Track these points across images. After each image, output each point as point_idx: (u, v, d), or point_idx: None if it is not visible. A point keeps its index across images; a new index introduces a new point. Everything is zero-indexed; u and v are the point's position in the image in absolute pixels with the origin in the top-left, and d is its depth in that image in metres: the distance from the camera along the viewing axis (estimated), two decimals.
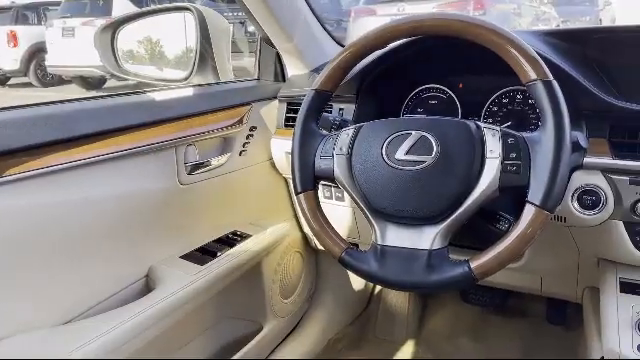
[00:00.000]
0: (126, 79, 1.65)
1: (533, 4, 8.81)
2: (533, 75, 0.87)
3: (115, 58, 1.46)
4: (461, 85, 1.34)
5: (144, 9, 1.63)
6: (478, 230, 1.03)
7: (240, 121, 1.43)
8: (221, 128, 1.37)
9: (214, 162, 1.37)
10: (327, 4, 8.98)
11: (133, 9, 8.28)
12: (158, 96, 1.25)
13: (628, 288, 1.09)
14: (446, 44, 1.07)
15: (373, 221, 0.97)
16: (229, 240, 1.41)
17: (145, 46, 1.56)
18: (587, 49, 1.17)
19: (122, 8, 8.57)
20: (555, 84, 0.87)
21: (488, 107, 1.28)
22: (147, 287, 1.22)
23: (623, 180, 1.01)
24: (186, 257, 1.30)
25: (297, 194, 1.04)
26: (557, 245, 1.18)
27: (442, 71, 1.35)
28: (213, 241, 1.39)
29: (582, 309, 1.34)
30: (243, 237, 1.43)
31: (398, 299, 1.92)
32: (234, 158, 1.43)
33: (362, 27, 6.74)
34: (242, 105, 1.45)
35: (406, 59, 1.29)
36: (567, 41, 1.17)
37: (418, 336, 1.88)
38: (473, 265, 0.87)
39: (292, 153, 1.05)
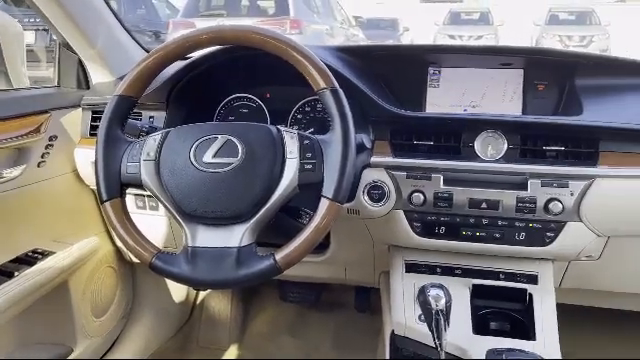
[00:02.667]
0: None
1: (343, 26, 9.55)
2: (323, 84, 0.98)
3: None
4: (268, 95, 1.42)
5: None
6: (285, 226, 1.11)
7: (37, 130, 1.32)
8: (13, 137, 1.26)
9: (6, 174, 1.25)
10: (144, 15, 8.66)
11: None
12: None
13: (412, 268, 1.28)
14: (254, 55, 1.14)
15: (184, 224, 0.98)
16: (28, 259, 1.29)
17: None
18: (372, 64, 1.34)
19: None
20: (341, 93, 0.99)
21: (293, 115, 1.39)
22: None
23: (401, 175, 1.18)
24: None
25: (102, 203, 1.01)
26: (356, 236, 1.32)
27: (251, 81, 1.42)
28: (9, 261, 1.26)
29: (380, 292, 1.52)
30: (45, 255, 1.32)
31: (220, 306, 1.95)
32: (31, 170, 1.32)
33: None
34: (39, 113, 1.34)
35: (216, 68, 1.33)
36: (355, 56, 1.32)
37: (241, 340, 1.93)
38: (278, 257, 0.94)
39: (96, 160, 1.02)
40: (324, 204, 0.94)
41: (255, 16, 6.88)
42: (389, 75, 1.35)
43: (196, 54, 1.22)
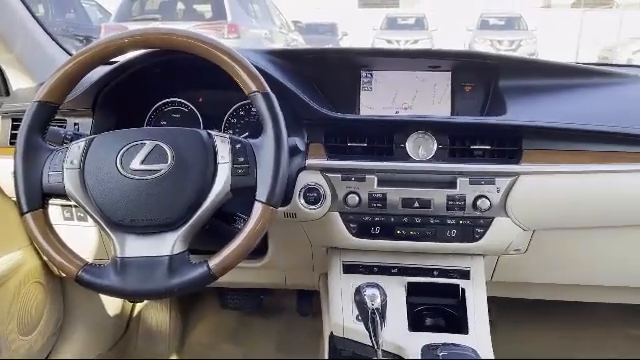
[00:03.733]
0: None
1: (282, 31, 9.55)
2: (253, 88, 0.98)
3: None
4: (201, 99, 1.40)
5: None
6: (219, 232, 1.10)
7: None
8: None
9: None
10: (73, 19, 8.34)
11: None
12: None
13: (349, 269, 1.29)
14: (185, 59, 1.12)
15: (111, 234, 0.95)
16: None
17: None
18: (305, 67, 1.35)
19: None
20: (272, 96, 0.99)
21: (227, 119, 1.37)
22: None
23: (336, 177, 1.19)
24: None
25: (22, 215, 0.96)
26: (294, 240, 1.32)
27: (183, 85, 1.39)
28: None
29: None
30: None
31: (158, 317, 1.89)
32: None
33: None
34: None
35: (145, 72, 1.29)
36: (287, 60, 1.32)
37: (181, 351, 1.88)
38: (211, 264, 0.93)
39: (15, 170, 0.96)
40: (258, 208, 0.94)
41: (191, 20, 6.76)
42: (322, 78, 1.36)
43: (123, 58, 1.18)
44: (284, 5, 10.73)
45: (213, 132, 1.00)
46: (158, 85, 1.37)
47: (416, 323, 1.24)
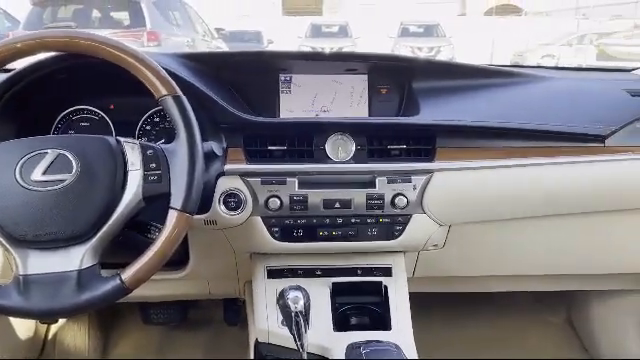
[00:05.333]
0: None
1: (205, 38, 9.40)
2: (164, 91, 0.95)
3: None
4: (112, 106, 1.34)
5: None
6: (133, 243, 1.05)
7: None
8: None
9: None
10: None
11: None
12: None
13: (273, 274, 1.28)
14: (93, 64, 1.07)
15: (12, 251, 0.89)
16: None
17: None
18: (221, 71, 1.32)
19: None
20: (184, 99, 0.96)
21: (141, 126, 1.32)
22: None
23: (256, 181, 1.17)
24: None
25: None
26: (216, 248, 1.29)
27: (92, 92, 1.32)
28: None
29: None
30: None
31: (77, 337, 1.79)
32: None
33: None
34: None
35: (48, 79, 1.22)
36: (202, 64, 1.30)
37: None
38: (124, 276, 0.89)
39: None
40: (172, 215, 0.91)
41: (108, 28, 6.50)
42: (240, 82, 1.34)
43: (24, 63, 1.11)
44: (207, 13, 10.57)
45: (122, 139, 0.96)
46: (65, 92, 1.30)
47: (341, 323, 1.24)
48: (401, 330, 1.23)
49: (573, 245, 1.43)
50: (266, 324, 1.21)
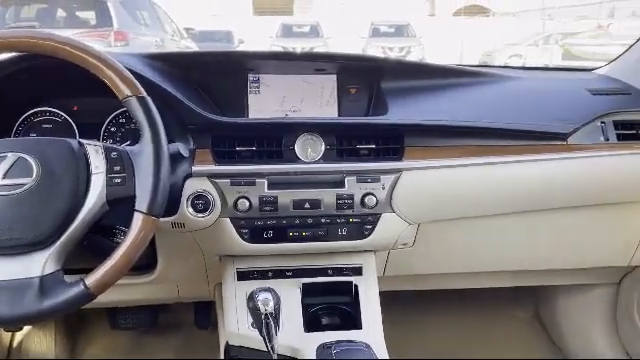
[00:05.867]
0: None
1: (175, 38, 9.29)
2: (127, 92, 0.93)
3: None
4: (76, 108, 1.31)
5: None
6: (99, 248, 1.03)
7: None
8: None
9: None
10: None
11: None
12: None
13: (243, 276, 1.27)
14: (55, 64, 1.04)
15: None
16: None
17: None
18: (188, 71, 1.31)
19: None
20: (148, 100, 0.95)
21: (106, 128, 1.30)
22: None
23: (225, 182, 1.16)
24: None
25: None
26: (184, 251, 1.28)
27: (54, 93, 1.29)
28: None
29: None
30: None
31: (42, 344, 1.74)
32: None
33: None
34: None
35: (9, 80, 1.18)
36: (168, 64, 1.28)
37: None
38: (88, 282, 0.87)
39: None
40: (138, 218, 0.90)
41: (74, 27, 6.33)
42: (208, 82, 1.33)
43: None
44: (176, 12, 10.44)
45: (85, 141, 0.94)
46: (26, 93, 1.27)
47: (312, 323, 1.24)
48: (372, 329, 1.23)
49: (539, 241, 1.46)
50: (236, 326, 1.20)
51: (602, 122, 1.35)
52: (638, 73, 1.46)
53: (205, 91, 1.32)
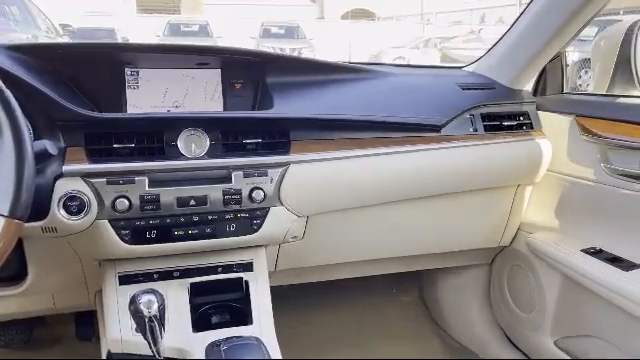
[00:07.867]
0: None
1: (50, 35, 8.68)
2: None
3: None
4: None
5: None
6: None
7: None
8: None
9: None
10: None
11: None
12: None
13: (126, 280, 1.20)
14: None
15: None
16: None
17: None
18: (57, 65, 1.21)
19: None
20: (7, 93, 0.86)
21: None
22: None
23: (101, 182, 1.09)
24: None
25: None
26: (58, 258, 1.18)
27: None
28: None
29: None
30: None
31: None
32: None
33: None
34: None
35: None
36: (33, 56, 1.18)
37: None
38: None
39: None
40: None
41: None
42: (80, 76, 1.24)
43: None
44: (51, 9, 9.69)
45: None
46: None
47: (202, 323, 1.21)
48: (262, 324, 1.22)
49: (420, 227, 1.55)
50: (119, 334, 1.13)
51: (471, 114, 1.46)
52: (500, 69, 1.60)
53: (77, 86, 1.24)
